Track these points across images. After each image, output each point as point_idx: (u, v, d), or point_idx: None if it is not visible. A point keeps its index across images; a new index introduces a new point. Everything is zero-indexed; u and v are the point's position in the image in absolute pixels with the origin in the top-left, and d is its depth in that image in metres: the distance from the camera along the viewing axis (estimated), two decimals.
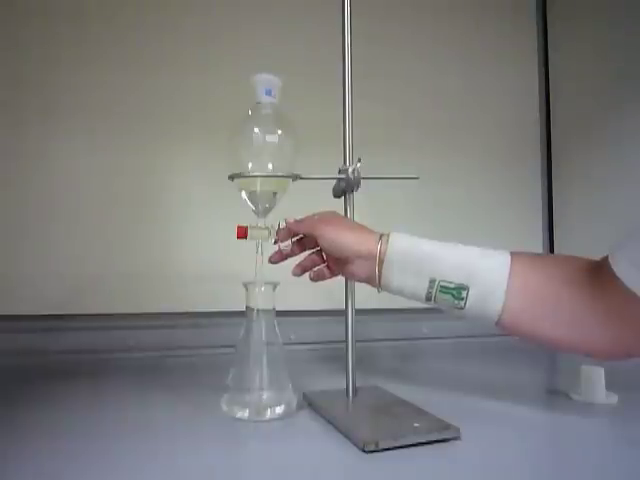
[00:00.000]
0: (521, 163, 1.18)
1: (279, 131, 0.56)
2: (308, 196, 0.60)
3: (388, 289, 0.54)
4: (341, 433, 0.49)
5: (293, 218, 0.57)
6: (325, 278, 0.59)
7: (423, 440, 0.46)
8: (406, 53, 1.09)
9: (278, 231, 0.58)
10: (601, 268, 0.48)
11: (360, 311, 0.60)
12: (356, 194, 0.60)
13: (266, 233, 0.57)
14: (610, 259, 0.47)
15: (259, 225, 0.57)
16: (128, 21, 0.95)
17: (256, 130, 0.56)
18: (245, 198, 0.57)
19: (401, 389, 0.62)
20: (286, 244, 0.58)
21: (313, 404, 0.58)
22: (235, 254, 0.62)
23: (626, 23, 0.98)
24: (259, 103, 0.56)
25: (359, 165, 0.59)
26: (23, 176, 0.89)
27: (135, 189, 0.94)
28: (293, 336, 0.92)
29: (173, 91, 0.95)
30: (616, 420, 0.56)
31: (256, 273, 0.56)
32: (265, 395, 0.54)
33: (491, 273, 0.50)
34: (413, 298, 0.53)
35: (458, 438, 0.48)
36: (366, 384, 0.64)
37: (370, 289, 0.56)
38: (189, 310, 0.94)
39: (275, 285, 0.56)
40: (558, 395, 0.64)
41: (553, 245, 1.18)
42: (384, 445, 0.45)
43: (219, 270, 0.92)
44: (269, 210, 0.58)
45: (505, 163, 1.16)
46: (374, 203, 0.82)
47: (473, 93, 1.14)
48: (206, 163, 0.92)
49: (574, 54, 1.14)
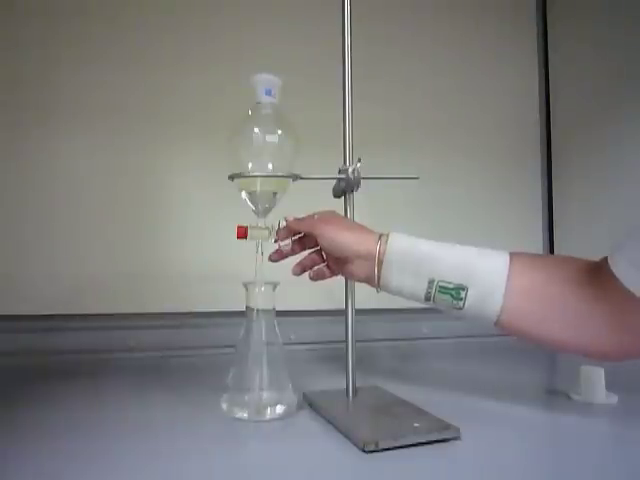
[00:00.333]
0: (521, 163, 1.18)
1: (279, 131, 0.56)
2: (308, 196, 0.60)
3: (387, 289, 0.54)
4: (341, 433, 0.49)
5: (293, 217, 0.57)
6: (325, 277, 0.59)
7: (423, 440, 0.46)
8: (406, 53, 1.10)
9: (278, 230, 0.58)
10: (600, 269, 0.48)
11: (360, 311, 0.60)
12: (356, 194, 0.60)
13: (266, 233, 0.57)
14: (609, 259, 0.47)
15: (259, 225, 0.57)
16: (128, 21, 0.95)
17: (256, 130, 0.56)
18: (245, 198, 0.57)
19: (401, 389, 0.62)
20: (286, 243, 0.58)
21: (313, 404, 0.58)
22: (235, 254, 0.62)
23: (626, 23, 0.98)
24: (259, 103, 0.56)
25: (359, 165, 0.59)
26: (23, 176, 0.89)
27: (135, 189, 0.94)
28: (293, 336, 0.92)
29: (173, 91, 0.95)
30: (616, 420, 0.56)
31: (256, 273, 0.56)
32: (265, 395, 0.54)
33: (490, 273, 0.50)
34: (412, 298, 0.53)
35: (458, 438, 0.48)
36: (366, 384, 0.64)
37: (370, 289, 0.56)
38: (189, 310, 0.94)
39: (275, 285, 0.56)
40: (558, 395, 0.64)
41: (553, 245, 1.18)
42: (384, 445, 0.45)
43: (219, 270, 0.92)
44: (269, 210, 0.58)
45: (505, 163, 1.16)
46: (374, 203, 0.83)
47: (473, 93, 1.14)
48: (206, 163, 0.92)
49: (574, 54, 1.14)
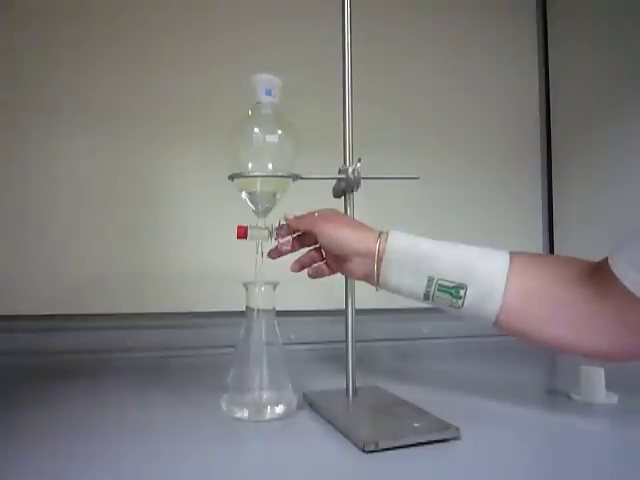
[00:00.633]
0: (521, 163, 1.18)
1: (279, 131, 0.56)
2: (308, 196, 0.60)
3: (386, 287, 0.54)
4: (341, 433, 0.49)
5: (293, 214, 0.58)
6: (323, 275, 0.59)
7: (423, 440, 0.46)
8: (406, 53, 1.09)
9: (278, 228, 0.58)
10: (601, 269, 0.48)
11: (360, 311, 0.60)
12: (356, 194, 0.60)
13: (266, 233, 0.57)
14: (610, 260, 0.47)
15: (259, 225, 0.57)
16: (128, 21, 0.95)
17: (256, 130, 0.55)
18: (245, 198, 0.57)
19: (401, 389, 0.62)
20: (285, 240, 0.58)
21: (313, 404, 0.58)
22: (235, 254, 0.62)
23: (626, 22, 0.98)
24: (259, 103, 0.56)
25: (359, 165, 0.59)
26: (23, 176, 0.89)
27: (135, 189, 0.94)
28: (293, 336, 0.92)
29: (173, 91, 0.95)
30: (616, 420, 0.56)
31: (256, 273, 0.56)
32: (265, 395, 0.54)
33: (490, 273, 0.50)
34: (411, 297, 0.53)
35: (458, 438, 0.48)
36: (366, 384, 0.64)
37: (370, 289, 0.56)
38: (189, 310, 0.94)
39: (275, 285, 0.56)
40: (558, 395, 0.64)
41: (553, 245, 1.18)
42: (384, 445, 0.45)
43: (219, 270, 0.92)
44: (269, 210, 0.58)
45: (505, 163, 1.16)
46: (374, 203, 0.82)
47: (473, 92, 1.14)
48: (206, 163, 0.92)
49: (574, 53, 1.14)
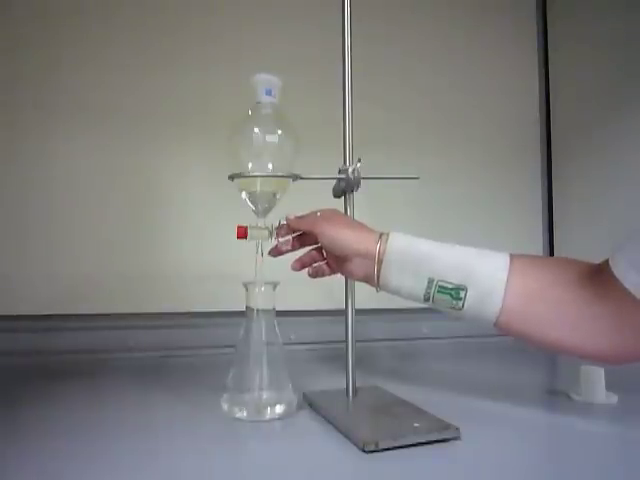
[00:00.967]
0: (521, 163, 1.18)
1: (279, 131, 0.56)
2: (308, 196, 0.60)
3: (386, 289, 0.54)
4: (341, 433, 0.49)
5: (294, 215, 0.57)
6: (324, 275, 0.59)
7: (423, 440, 0.46)
8: (406, 53, 1.09)
9: (278, 227, 0.58)
10: (601, 271, 0.48)
11: (360, 311, 0.60)
12: (356, 194, 0.60)
13: (266, 233, 0.57)
14: (610, 261, 0.47)
15: (259, 225, 0.57)
16: (127, 21, 0.94)
17: (256, 130, 0.55)
18: (245, 198, 0.57)
19: (401, 389, 0.62)
20: (285, 239, 0.58)
21: (313, 404, 0.58)
22: (235, 254, 0.62)
23: (626, 23, 0.98)
24: (259, 103, 0.56)
25: (359, 165, 0.59)
26: (22, 176, 0.89)
27: (135, 189, 0.94)
28: (293, 336, 0.92)
29: (173, 91, 0.95)
30: (616, 420, 0.56)
31: (256, 273, 0.56)
32: (265, 395, 0.54)
33: (490, 274, 0.50)
34: (411, 298, 0.53)
35: (458, 438, 0.48)
36: (366, 384, 0.64)
37: (370, 289, 0.56)
38: (189, 310, 0.94)
39: (275, 285, 0.56)
40: (558, 395, 0.64)
41: (553, 245, 1.18)
42: (384, 445, 0.45)
43: (219, 270, 0.92)
44: (269, 210, 0.58)
45: (505, 163, 1.16)
46: (374, 203, 0.82)
47: (473, 93, 1.14)
48: (206, 163, 0.92)
49: (574, 53, 1.14)
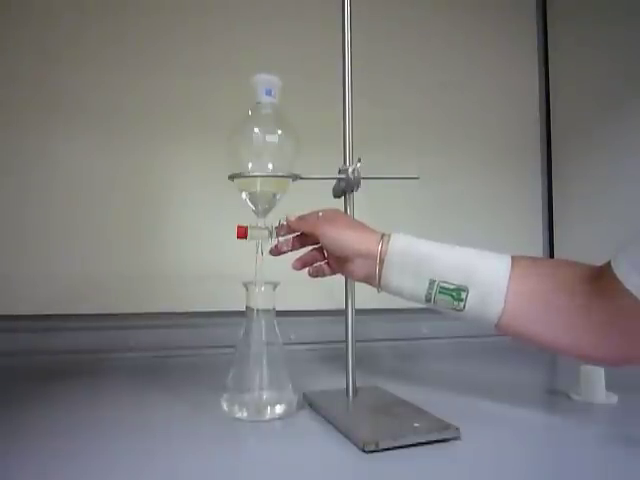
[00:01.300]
0: (521, 162, 1.18)
1: (279, 131, 0.56)
2: (308, 196, 0.60)
3: (387, 289, 0.54)
4: (341, 433, 0.49)
5: (294, 215, 0.57)
6: (324, 275, 0.59)
7: (423, 440, 0.46)
8: (406, 52, 1.09)
9: (278, 227, 0.58)
10: (603, 272, 0.48)
11: (360, 311, 0.60)
12: (356, 194, 0.60)
13: (266, 233, 0.57)
14: (612, 262, 0.47)
15: (259, 225, 0.57)
16: (127, 21, 0.94)
17: (256, 130, 0.55)
18: (245, 198, 0.57)
19: (401, 389, 0.62)
20: (285, 239, 0.58)
21: (313, 404, 0.58)
22: (235, 254, 0.62)
23: (626, 22, 0.98)
24: (259, 103, 0.56)
25: (359, 165, 0.59)
26: (23, 176, 0.89)
27: (135, 189, 0.94)
28: (293, 336, 0.92)
29: (173, 91, 0.95)
30: (616, 420, 0.56)
31: (256, 273, 0.56)
32: (265, 395, 0.54)
33: (491, 275, 0.50)
34: (412, 299, 0.53)
35: (458, 438, 0.48)
36: (366, 384, 0.64)
37: (370, 289, 0.56)
38: (189, 310, 0.94)
39: (275, 285, 0.56)
40: (558, 395, 0.64)
41: (553, 245, 1.18)
42: (384, 445, 0.45)
43: (219, 270, 0.92)
44: (269, 210, 0.58)
45: (505, 162, 1.16)
46: (374, 203, 0.82)
47: (473, 92, 1.14)
48: (206, 163, 0.92)
49: (574, 53, 1.14)
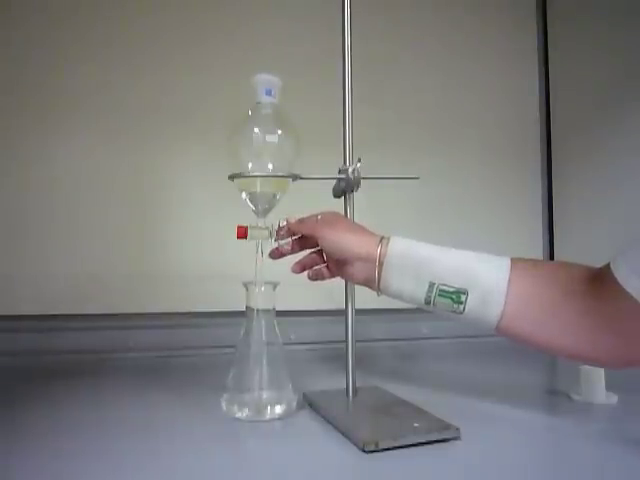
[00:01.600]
0: (521, 163, 1.18)
1: (279, 131, 0.56)
2: (308, 196, 0.60)
3: (387, 292, 0.54)
4: (341, 433, 0.49)
5: (294, 218, 0.57)
6: (324, 278, 0.59)
7: (423, 440, 0.46)
8: (406, 52, 1.09)
9: (278, 229, 0.58)
10: (602, 275, 0.48)
11: (360, 311, 0.60)
12: (356, 194, 0.60)
13: (266, 233, 0.57)
14: (612, 264, 0.47)
15: (259, 225, 0.57)
16: (128, 20, 0.94)
17: (256, 130, 0.55)
18: (245, 198, 0.57)
19: (401, 389, 0.62)
20: (285, 242, 0.58)
21: (313, 404, 0.58)
22: (235, 254, 0.62)
23: (626, 23, 0.98)
24: (259, 103, 0.56)
25: (359, 165, 0.59)
26: (23, 176, 0.89)
27: (135, 189, 0.94)
28: (293, 336, 0.92)
29: (173, 90, 0.95)
30: (616, 420, 0.56)
31: (256, 273, 0.56)
32: (265, 395, 0.54)
33: (491, 278, 0.50)
34: (412, 302, 0.53)
35: (458, 438, 0.48)
36: (366, 384, 0.64)
37: (370, 289, 0.56)
38: (189, 310, 0.94)
39: (275, 285, 0.56)
40: (558, 395, 0.64)
41: (553, 245, 1.18)
42: (384, 445, 0.45)
43: (219, 270, 0.92)
44: (269, 210, 0.58)
45: (505, 163, 1.16)
46: (374, 203, 0.82)
47: (473, 92, 1.14)
48: (206, 163, 0.92)
49: (574, 53, 1.14)
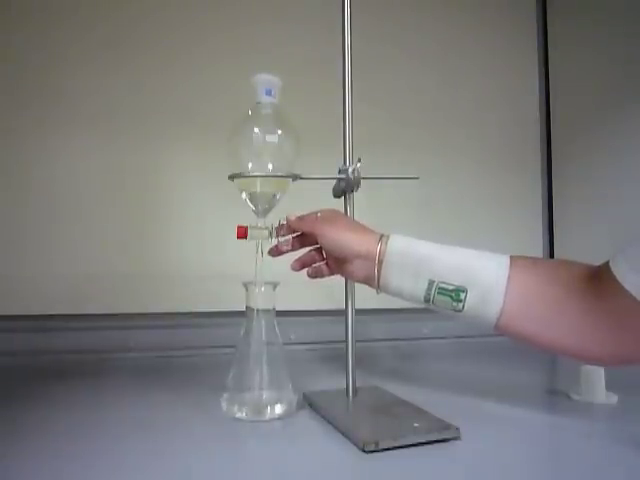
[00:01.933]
0: (521, 163, 1.18)
1: (279, 131, 0.56)
2: (308, 196, 0.60)
3: (387, 290, 0.54)
4: (341, 433, 0.49)
5: (294, 215, 0.57)
6: (323, 276, 0.59)
7: (423, 440, 0.46)
8: (406, 52, 1.09)
9: (278, 227, 0.58)
10: (601, 272, 0.48)
11: (360, 311, 0.60)
12: (356, 194, 0.60)
13: (266, 233, 0.57)
14: (611, 262, 0.47)
15: (259, 225, 0.57)
16: (128, 20, 0.94)
17: (256, 130, 0.55)
18: (245, 198, 0.57)
19: (401, 389, 0.62)
20: (285, 239, 0.58)
21: (313, 404, 0.58)
22: (235, 254, 0.62)
23: (626, 22, 0.98)
24: (259, 103, 0.56)
25: (359, 165, 0.59)
26: (23, 176, 0.89)
27: (135, 189, 0.94)
28: (293, 336, 0.92)
29: (173, 91, 0.95)
30: (616, 420, 0.56)
31: (256, 273, 0.56)
32: (265, 395, 0.54)
33: (490, 276, 0.50)
34: (411, 300, 0.53)
35: (458, 438, 0.48)
36: (366, 384, 0.64)
37: (370, 289, 0.56)
38: (189, 310, 0.94)
39: (275, 285, 0.56)
40: (558, 395, 0.64)
41: (553, 245, 1.18)
42: (384, 445, 0.45)
43: (219, 270, 0.92)
44: (269, 210, 0.58)
45: (505, 162, 1.16)
46: (374, 203, 0.82)
47: (473, 92, 1.14)
48: (206, 163, 0.92)
49: (574, 52, 1.14)
